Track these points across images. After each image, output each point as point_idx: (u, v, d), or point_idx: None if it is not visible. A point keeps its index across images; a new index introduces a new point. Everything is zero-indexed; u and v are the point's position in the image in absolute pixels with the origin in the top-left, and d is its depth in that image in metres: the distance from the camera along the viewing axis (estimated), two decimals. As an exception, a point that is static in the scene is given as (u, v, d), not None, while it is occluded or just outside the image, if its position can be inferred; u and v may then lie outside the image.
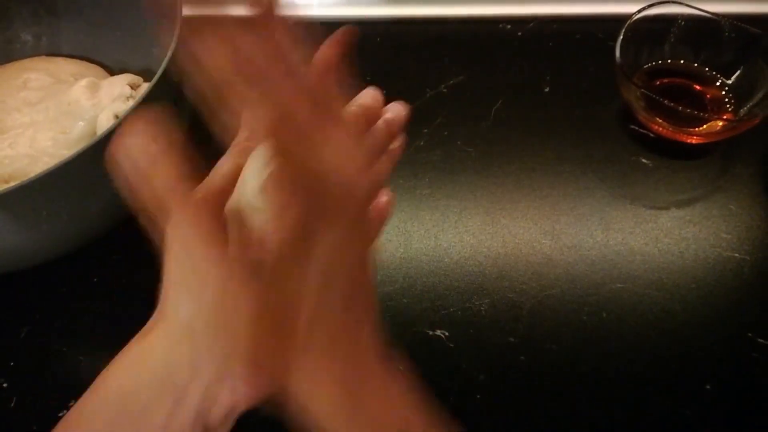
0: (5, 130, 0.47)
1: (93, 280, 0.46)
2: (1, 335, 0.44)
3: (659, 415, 0.39)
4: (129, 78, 0.48)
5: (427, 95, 0.57)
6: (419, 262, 0.47)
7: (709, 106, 0.53)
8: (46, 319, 0.44)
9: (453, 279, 0.46)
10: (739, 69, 0.53)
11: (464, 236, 0.48)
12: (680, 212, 0.49)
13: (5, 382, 0.42)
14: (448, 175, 0.51)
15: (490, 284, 0.45)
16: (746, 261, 0.46)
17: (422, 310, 0.44)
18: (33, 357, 0.43)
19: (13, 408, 0.40)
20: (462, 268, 0.46)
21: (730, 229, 0.48)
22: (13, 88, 0.51)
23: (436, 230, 0.48)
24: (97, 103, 0.47)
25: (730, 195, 0.50)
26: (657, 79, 0.56)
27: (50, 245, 0.41)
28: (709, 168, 0.52)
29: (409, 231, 0.48)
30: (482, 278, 0.46)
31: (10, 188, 0.33)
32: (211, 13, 0.23)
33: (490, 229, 0.49)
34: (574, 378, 0.41)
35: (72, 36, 0.56)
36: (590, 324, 0.43)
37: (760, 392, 0.40)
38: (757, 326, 0.43)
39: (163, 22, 0.40)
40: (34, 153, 0.45)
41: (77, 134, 0.46)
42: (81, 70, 0.54)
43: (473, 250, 0.47)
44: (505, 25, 0.64)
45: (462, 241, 0.48)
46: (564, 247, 0.47)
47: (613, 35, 0.52)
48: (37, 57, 0.55)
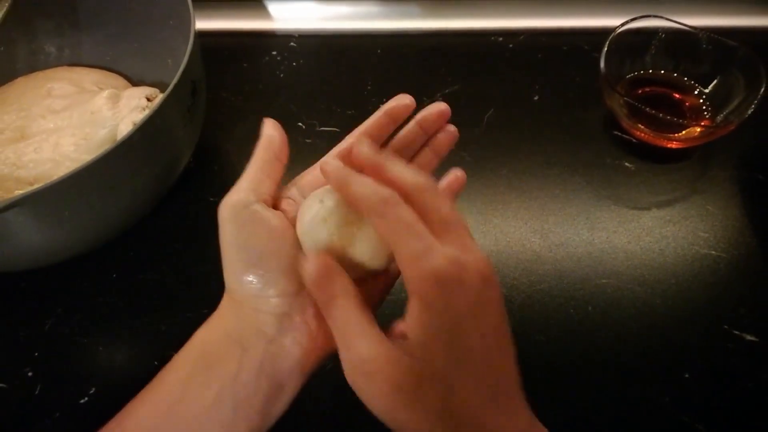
0: (30, 136, 0.47)
1: (112, 276, 0.46)
2: (27, 327, 0.44)
3: (641, 401, 0.39)
4: (147, 90, 0.49)
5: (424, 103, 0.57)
6: (417, 259, 0.47)
7: (687, 114, 0.54)
8: (68, 312, 0.45)
9: (448, 275, 0.46)
10: (716, 79, 0.53)
11: (459, 235, 0.48)
12: (661, 212, 0.49)
13: (30, 371, 0.42)
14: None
15: (483, 280, 0.45)
16: (722, 258, 0.46)
17: (419, 304, 0.44)
18: (56, 348, 0.43)
19: (37, 395, 0.41)
20: (457, 264, 0.46)
21: (708, 228, 0.48)
22: (38, 96, 0.51)
23: (433, 229, 0.48)
24: (117, 112, 0.47)
25: (707, 196, 0.50)
26: (639, 88, 0.56)
27: (72, 244, 0.41)
28: (688, 171, 0.52)
29: (407, 230, 0.48)
30: (476, 274, 0.46)
31: (35, 190, 0.33)
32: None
33: (483, 228, 0.49)
34: (562, 367, 0.41)
35: (93, 47, 0.56)
36: (577, 317, 0.43)
37: (734, 380, 0.40)
38: (732, 319, 0.43)
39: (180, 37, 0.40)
40: (58, 157, 0.45)
41: (99, 140, 0.46)
42: (102, 79, 0.54)
43: (467, 248, 0.47)
44: (497, 37, 0.64)
45: (457, 239, 0.48)
46: (552, 245, 0.47)
47: (598, 47, 0.52)
48: (60, 67, 0.56)
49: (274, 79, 0.60)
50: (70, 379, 0.41)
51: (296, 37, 0.64)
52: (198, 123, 0.47)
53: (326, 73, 0.61)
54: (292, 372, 0.27)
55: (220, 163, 0.53)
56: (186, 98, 0.42)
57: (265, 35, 0.65)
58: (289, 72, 0.61)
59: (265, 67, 0.62)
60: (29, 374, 0.42)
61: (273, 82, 0.60)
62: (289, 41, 0.64)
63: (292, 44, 0.64)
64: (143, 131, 0.37)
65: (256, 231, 0.27)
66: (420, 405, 0.22)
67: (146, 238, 0.48)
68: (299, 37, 0.64)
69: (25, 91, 0.52)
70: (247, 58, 0.62)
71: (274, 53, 0.63)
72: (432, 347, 0.23)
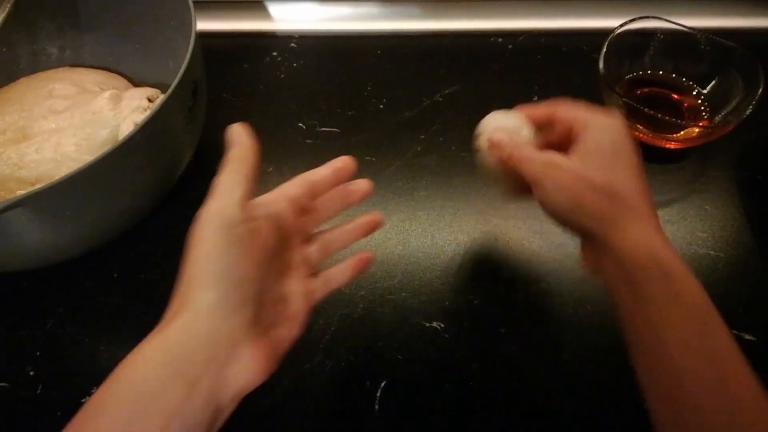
0: (32, 136, 0.47)
1: (113, 276, 0.46)
2: (28, 327, 0.44)
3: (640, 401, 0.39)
4: (148, 91, 0.49)
5: (424, 104, 0.57)
6: (417, 258, 0.47)
7: (686, 114, 0.54)
8: (69, 311, 0.45)
9: (448, 275, 0.46)
10: (714, 79, 0.53)
11: (458, 235, 0.48)
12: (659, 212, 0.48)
13: (32, 370, 0.42)
14: (444, 178, 0.51)
15: (482, 279, 0.45)
16: (720, 258, 0.46)
17: (419, 304, 0.44)
18: (57, 347, 0.43)
19: (39, 394, 0.41)
20: (456, 264, 0.46)
21: (706, 228, 0.48)
22: (39, 97, 0.51)
23: (433, 229, 0.49)
24: (118, 113, 0.47)
25: (706, 196, 0.50)
26: (638, 88, 0.56)
27: (73, 243, 0.41)
28: (686, 171, 0.52)
29: (407, 230, 0.49)
30: (475, 274, 0.46)
31: (37, 190, 0.33)
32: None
33: (483, 228, 0.49)
34: (561, 366, 0.41)
35: (94, 48, 0.56)
36: (575, 316, 0.43)
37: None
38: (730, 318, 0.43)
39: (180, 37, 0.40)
40: (59, 158, 0.45)
41: (100, 141, 0.46)
42: (103, 79, 0.54)
43: (467, 248, 0.47)
44: (496, 38, 0.64)
45: (456, 239, 0.48)
46: (551, 245, 0.47)
47: (597, 48, 0.52)
48: (61, 68, 0.55)
49: (275, 80, 0.60)
50: (72, 378, 0.41)
51: (297, 37, 0.64)
52: (199, 123, 0.47)
53: (326, 74, 0.61)
54: (234, 399, 0.26)
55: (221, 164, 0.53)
56: (187, 99, 0.42)
57: (265, 36, 0.65)
58: (289, 72, 0.61)
59: (266, 67, 0.62)
60: (31, 373, 0.42)
61: (273, 82, 0.60)
62: (290, 42, 0.64)
63: (292, 45, 0.64)
64: (144, 132, 0.37)
65: (245, 253, 0.26)
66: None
67: (147, 237, 0.48)
68: (300, 37, 0.64)
69: (27, 92, 0.52)
70: (248, 58, 0.62)
71: (275, 54, 0.63)
72: (595, 146, 0.34)
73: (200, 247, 0.26)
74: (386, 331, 0.43)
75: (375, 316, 0.43)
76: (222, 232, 0.26)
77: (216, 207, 0.27)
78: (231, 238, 0.26)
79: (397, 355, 0.42)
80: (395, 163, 0.53)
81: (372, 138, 0.55)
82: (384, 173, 0.52)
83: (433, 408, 0.39)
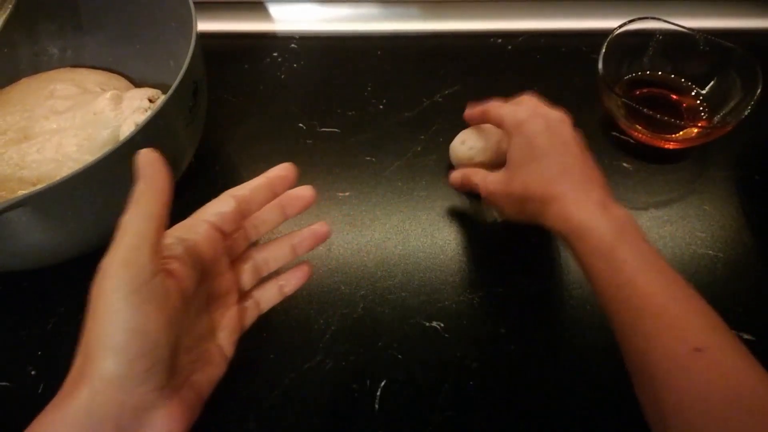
0: (33, 137, 0.47)
1: (114, 276, 0.46)
2: (30, 326, 0.44)
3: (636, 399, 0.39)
4: (149, 92, 0.48)
5: (424, 104, 0.57)
6: (417, 258, 0.47)
7: (684, 114, 0.53)
8: (71, 312, 0.44)
9: (448, 274, 0.46)
10: (713, 80, 0.53)
11: (458, 235, 0.48)
12: (658, 212, 0.49)
13: (33, 370, 0.42)
14: (444, 179, 0.51)
15: (482, 279, 0.45)
16: (719, 258, 0.46)
17: (419, 303, 0.44)
18: (59, 347, 0.43)
19: (40, 394, 0.40)
20: (456, 264, 0.46)
21: (705, 228, 0.48)
22: (41, 97, 0.51)
23: (432, 229, 0.48)
24: (119, 113, 0.47)
25: (705, 196, 0.50)
26: (637, 89, 0.56)
27: (75, 243, 0.41)
28: (685, 172, 0.52)
29: (407, 230, 0.48)
30: (475, 273, 0.46)
31: (38, 190, 0.33)
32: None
33: (483, 228, 0.49)
34: (560, 365, 0.41)
35: (95, 49, 0.56)
36: (575, 316, 0.43)
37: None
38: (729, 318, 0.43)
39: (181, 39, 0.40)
40: (60, 158, 0.45)
41: (101, 141, 0.46)
42: (104, 80, 0.54)
43: (466, 248, 0.47)
44: (496, 39, 0.64)
45: (456, 239, 0.48)
46: (551, 244, 0.47)
47: (596, 49, 0.52)
48: (63, 68, 0.55)
49: (275, 80, 0.60)
50: (73, 377, 0.41)
51: (297, 38, 0.64)
52: (200, 124, 0.47)
53: (327, 75, 0.61)
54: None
55: (222, 164, 0.53)
56: (188, 99, 0.42)
57: (266, 37, 0.65)
58: (289, 73, 0.61)
59: (266, 68, 0.62)
60: (32, 373, 0.42)
61: (274, 83, 0.60)
62: (290, 43, 0.64)
63: (292, 46, 0.64)
64: (145, 132, 0.36)
65: (156, 311, 0.23)
66: (515, 193, 0.39)
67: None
68: (300, 38, 0.64)
69: (28, 92, 0.52)
70: (249, 59, 0.62)
71: (275, 54, 0.63)
72: (516, 154, 0.39)
73: (102, 309, 0.22)
74: (386, 331, 0.43)
75: (375, 316, 0.43)
76: (127, 289, 0.22)
77: (121, 258, 0.23)
78: (138, 298, 0.22)
79: (397, 354, 0.42)
80: (395, 163, 0.53)
81: (372, 138, 0.55)
82: (384, 173, 0.52)
83: (433, 408, 0.39)
